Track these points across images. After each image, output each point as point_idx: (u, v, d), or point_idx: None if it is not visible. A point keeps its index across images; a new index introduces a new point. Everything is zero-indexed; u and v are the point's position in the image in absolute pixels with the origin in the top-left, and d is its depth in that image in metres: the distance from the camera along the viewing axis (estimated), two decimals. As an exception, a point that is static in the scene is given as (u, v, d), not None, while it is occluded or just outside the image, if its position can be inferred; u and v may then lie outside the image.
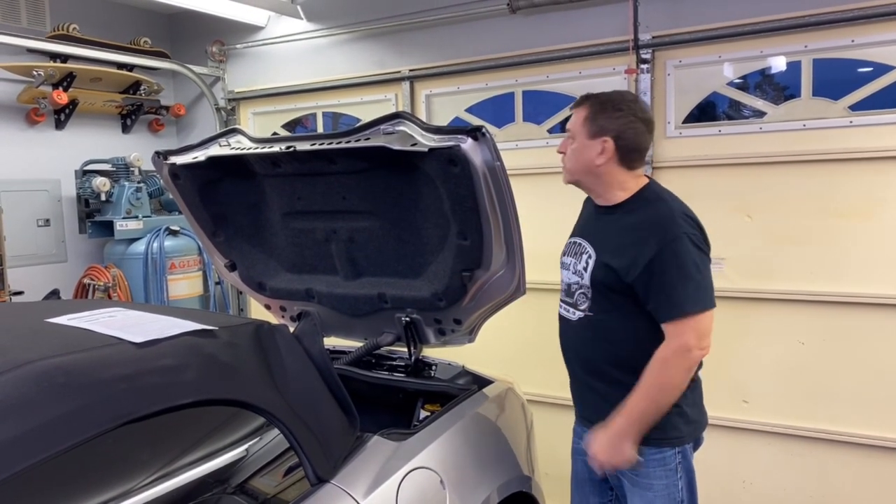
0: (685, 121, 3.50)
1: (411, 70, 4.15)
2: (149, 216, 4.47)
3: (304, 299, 2.85)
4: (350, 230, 2.62)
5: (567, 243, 2.27)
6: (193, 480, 1.88)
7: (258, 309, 4.94)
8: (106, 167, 4.48)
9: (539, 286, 2.95)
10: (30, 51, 4.13)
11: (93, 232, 4.44)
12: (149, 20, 4.94)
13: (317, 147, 2.33)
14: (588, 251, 2.12)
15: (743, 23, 3.26)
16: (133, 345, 1.56)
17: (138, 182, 4.45)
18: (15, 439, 1.24)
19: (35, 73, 4.08)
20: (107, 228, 4.36)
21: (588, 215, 2.24)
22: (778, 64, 3.29)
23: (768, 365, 3.39)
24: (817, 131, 3.20)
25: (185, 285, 4.46)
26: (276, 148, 2.42)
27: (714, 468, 3.58)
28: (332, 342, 2.92)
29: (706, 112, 3.48)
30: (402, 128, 2.23)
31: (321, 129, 4.61)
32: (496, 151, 2.13)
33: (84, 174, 4.40)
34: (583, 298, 2.12)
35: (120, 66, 4.56)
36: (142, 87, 4.67)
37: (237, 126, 2.76)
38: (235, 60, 4.86)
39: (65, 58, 4.25)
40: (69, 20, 4.24)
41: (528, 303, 2.58)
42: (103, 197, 4.33)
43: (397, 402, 2.60)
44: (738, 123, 3.39)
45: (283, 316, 3.06)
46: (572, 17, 3.67)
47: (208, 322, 1.78)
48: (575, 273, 2.16)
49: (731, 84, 3.40)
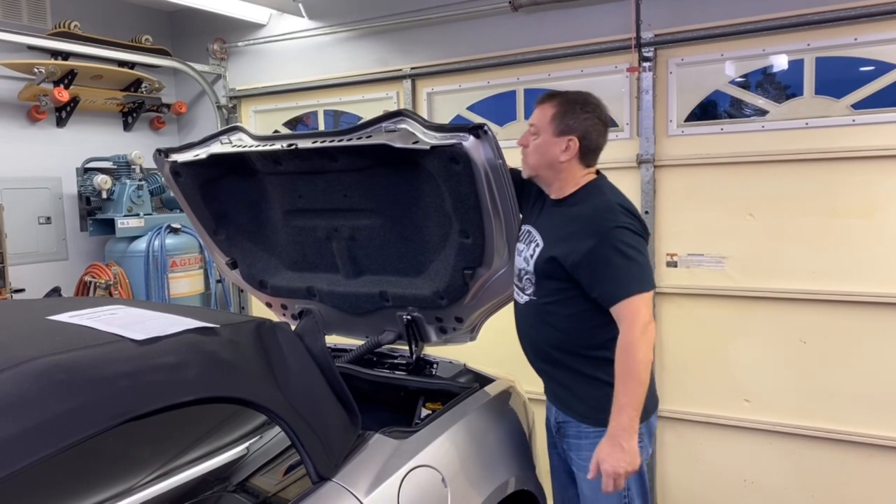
0: (687, 119, 3.49)
1: (413, 68, 4.15)
2: (150, 214, 4.46)
3: (306, 297, 2.84)
4: (351, 228, 2.61)
5: (523, 230, 2.30)
6: (194, 478, 1.88)
7: (259, 307, 4.95)
8: (107, 165, 4.48)
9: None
10: (31, 48, 4.12)
11: (94, 230, 4.44)
12: (150, 18, 4.94)
13: (318, 145, 2.33)
14: (537, 240, 2.19)
15: (745, 21, 3.25)
16: (134, 342, 1.55)
17: (139, 180, 4.45)
18: (16, 437, 1.23)
19: (36, 71, 4.08)
20: (108, 226, 4.36)
21: (540, 204, 2.27)
22: (780, 62, 3.28)
23: (770, 364, 3.39)
24: (819, 130, 3.19)
25: (187, 283, 4.46)
26: (278, 146, 2.41)
27: (715, 467, 3.58)
28: (334, 340, 2.92)
29: (708, 110, 3.47)
30: (405, 125, 2.23)
31: (322, 128, 4.60)
32: (498, 149, 2.14)
33: (85, 172, 4.40)
34: (528, 284, 2.21)
35: (121, 64, 4.56)
36: (143, 85, 4.67)
37: (239, 124, 2.76)
38: (237, 58, 4.86)
39: (66, 55, 4.25)
40: (70, 17, 4.24)
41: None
42: (104, 195, 4.33)
43: (399, 401, 2.61)
44: (740, 122, 3.38)
45: (285, 314, 3.06)
46: (574, 15, 3.67)
47: (210, 320, 1.78)
48: (524, 259, 2.23)
49: (733, 82, 3.40)
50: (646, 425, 2.12)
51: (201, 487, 1.87)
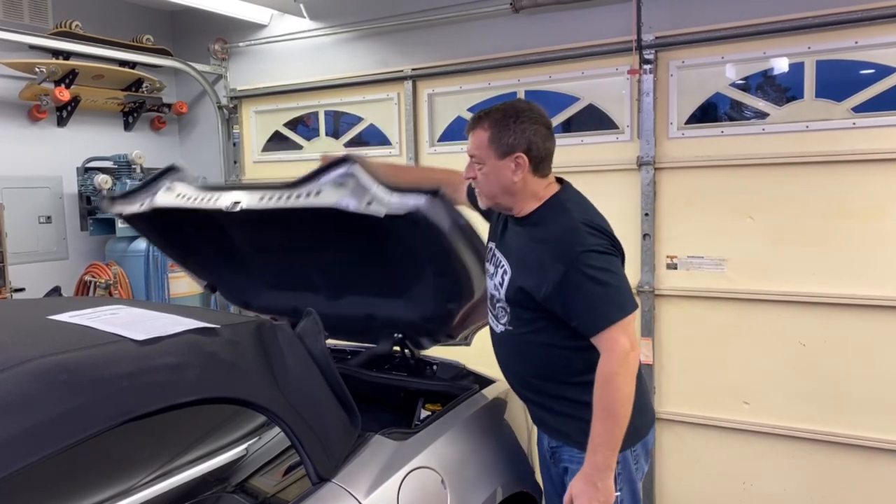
0: (687, 121, 3.49)
1: (414, 69, 4.15)
2: (150, 214, 4.46)
3: (292, 316, 2.77)
4: (324, 261, 2.54)
5: (489, 247, 2.17)
6: (194, 479, 1.88)
7: (259, 307, 4.96)
8: (108, 164, 4.48)
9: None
10: (32, 48, 4.13)
11: (94, 229, 4.44)
12: (151, 18, 4.94)
13: (264, 207, 2.19)
14: (504, 266, 2.05)
15: (746, 24, 3.25)
16: (135, 342, 1.55)
17: (140, 180, 4.44)
18: (17, 436, 1.24)
19: (37, 70, 4.08)
20: (108, 226, 4.36)
21: (503, 220, 2.14)
22: (781, 65, 3.28)
23: (769, 366, 3.39)
24: (820, 133, 3.20)
25: (186, 283, 4.45)
26: (222, 205, 2.27)
27: (714, 469, 3.58)
28: (331, 341, 2.91)
29: (708, 113, 3.48)
30: (355, 174, 2.10)
31: (323, 129, 4.61)
32: (456, 211, 2.07)
33: (86, 171, 4.40)
34: (503, 312, 2.08)
35: (122, 64, 4.56)
36: (144, 85, 4.67)
37: (176, 165, 2.58)
38: (238, 58, 4.86)
39: (67, 55, 4.25)
40: (72, 17, 4.25)
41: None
42: (105, 194, 4.33)
43: (398, 402, 2.60)
44: (741, 124, 3.39)
45: (278, 320, 3.00)
46: (575, 17, 3.67)
47: (210, 320, 1.78)
48: (495, 286, 2.10)
49: (734, 85, 3.40)
50: (642, 444, 2.06)
51: (201, 488, 1.87)
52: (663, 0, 3.41)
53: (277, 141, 4.81)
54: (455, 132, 4.11)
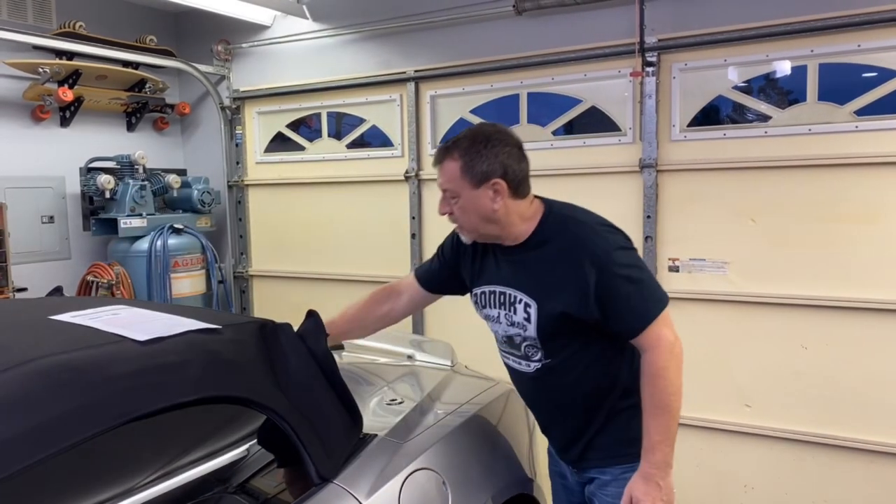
0: (690, 124, 3.49)
1: (417, 71, 4.15)
2: (153, 214, 4.47)
3: None
4: None
5: (479, 294, 2.05)
6: (195, 479, 1.88)
7: (261, 307, 4.96)
8: (111, 165, 4.49)
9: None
10: (36, 48, 4.13)
11: (97, 229, 4.45)
12: (155, 19, 4.95)
13: None
14: (521, 299, 1.92)
15: (749, 27, 3.26)
16: (137, 343, 1.55)
17: (143, 180, 4.46)
18: (18, 436, 1.24)
19: (41, 71, 4.09)
20: (111, 226, 4.36)
21: (491, 257, 2.02)
22: (783, 68, 3.28)
23: (771, 369, 3.38)
24: (822, 136, 3.20)
25: (189, 283, 4.47)
26: None
27: (715, 472, 3.58)
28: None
29: (711, 116, 3.48)
30: None
31: (326, 130, 4.61)
32: None
33: (89, 172, 4.40)
34: (534, 350, 1.96)
35: (125, 64, 4.57)
36: (147, 86, 4.68)
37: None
38: (241, 59, 4.87)
39: (70, 55, 4.26)
40: (75, 18, 4.25)
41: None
42: (107, 194, 4.34)
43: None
44: (743, 127, 3.39)
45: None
46: (578, 19, 3.67)
47: (212, 320, 1.78)
48: (512, 325, 1.96)
49: (737, 88, 3.40)
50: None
51: (202, 488, 1.87)
52: (666, 2, 3.42)
53: (280, 142, 4.82)
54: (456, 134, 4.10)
